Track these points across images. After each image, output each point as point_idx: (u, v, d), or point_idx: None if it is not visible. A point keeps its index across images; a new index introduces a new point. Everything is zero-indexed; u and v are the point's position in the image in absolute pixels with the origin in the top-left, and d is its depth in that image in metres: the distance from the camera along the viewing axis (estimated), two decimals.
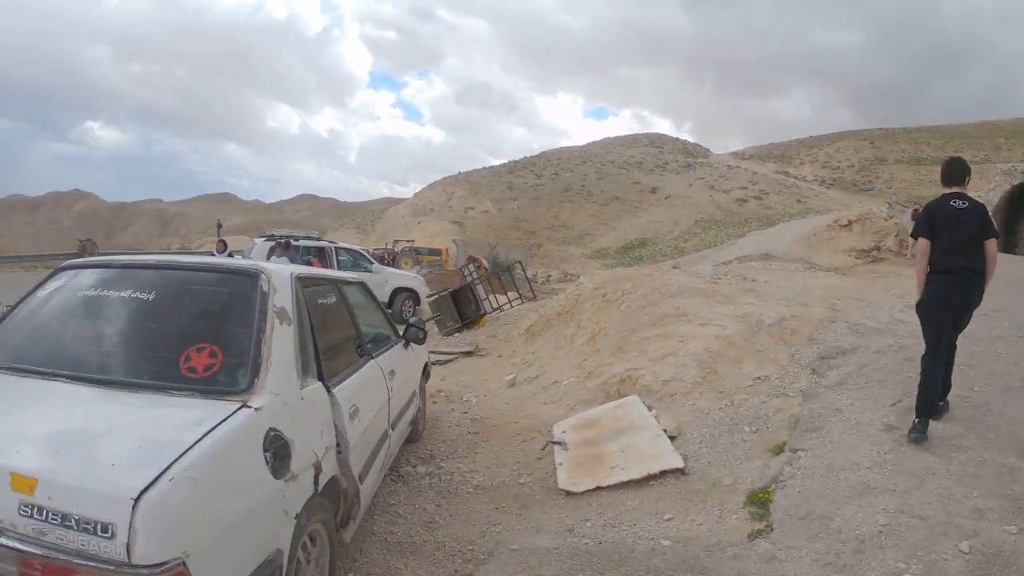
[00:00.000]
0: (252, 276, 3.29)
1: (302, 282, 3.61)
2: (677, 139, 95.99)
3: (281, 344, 3.02)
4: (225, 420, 2.50)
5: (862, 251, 18.90)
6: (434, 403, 7.74)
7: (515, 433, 6.58)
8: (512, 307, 16.31)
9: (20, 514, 2.12)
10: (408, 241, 50.79)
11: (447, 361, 10.97)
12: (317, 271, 4.73)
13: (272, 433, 2.66)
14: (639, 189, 71.46)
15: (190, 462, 2.24)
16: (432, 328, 14.58)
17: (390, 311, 15.64)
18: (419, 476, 5.41)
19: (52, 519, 2.09)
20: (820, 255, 18.96)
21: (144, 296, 3.23)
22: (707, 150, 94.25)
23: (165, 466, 2.19)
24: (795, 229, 24.45)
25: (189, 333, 3.04)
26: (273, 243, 15.37)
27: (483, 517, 4.71)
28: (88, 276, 3.53)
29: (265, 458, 2.58)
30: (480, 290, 16.10)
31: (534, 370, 8.98)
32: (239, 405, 2.62)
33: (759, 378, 6.38)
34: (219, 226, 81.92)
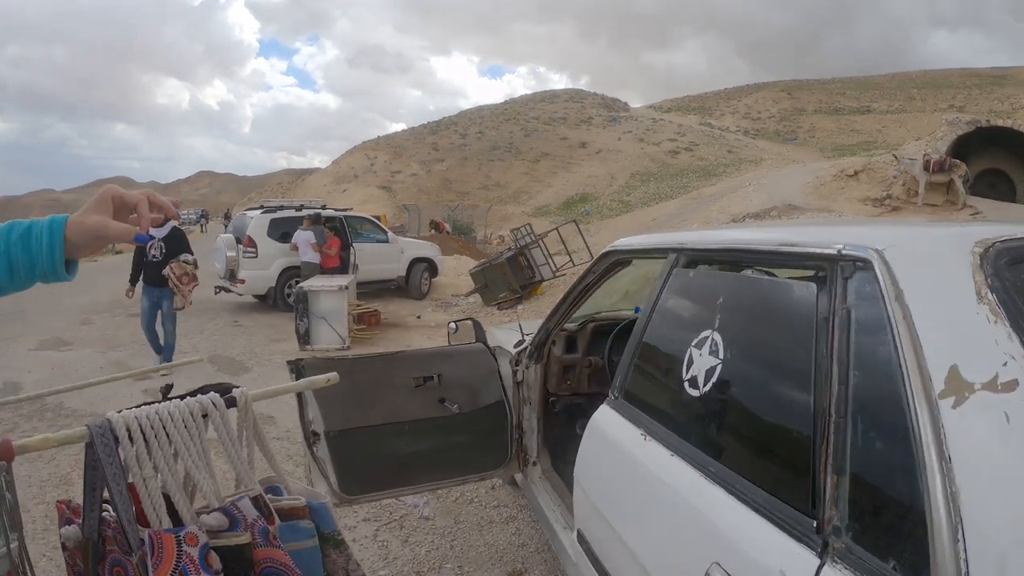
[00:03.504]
0: None
1: None
2: (596, 94, 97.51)
3: None
4: None
5: (876, 200, 19.99)
6: None
7: None
8: (573, 267, 15.31)
9: None
10: (345, 210, 47.48)
11: None
12: None
13: None
14: (568, 144, 72.65)
15: None
16: (472, 302, 14.58)
17: (407, 284, 15.62)
18: None
19: None
20: (838, 203, 19.84)
21: None
22: (626, 104, 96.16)
23: None
24: (795, 178, 24.77)
25: None
26: (270, 215, 13.94)
27: None
28: None
29: None
30: (537, 254, 14.83)
31: None
32: None
33: None
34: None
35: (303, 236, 12.87)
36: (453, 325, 4.55)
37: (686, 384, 1.96)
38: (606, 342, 3.81)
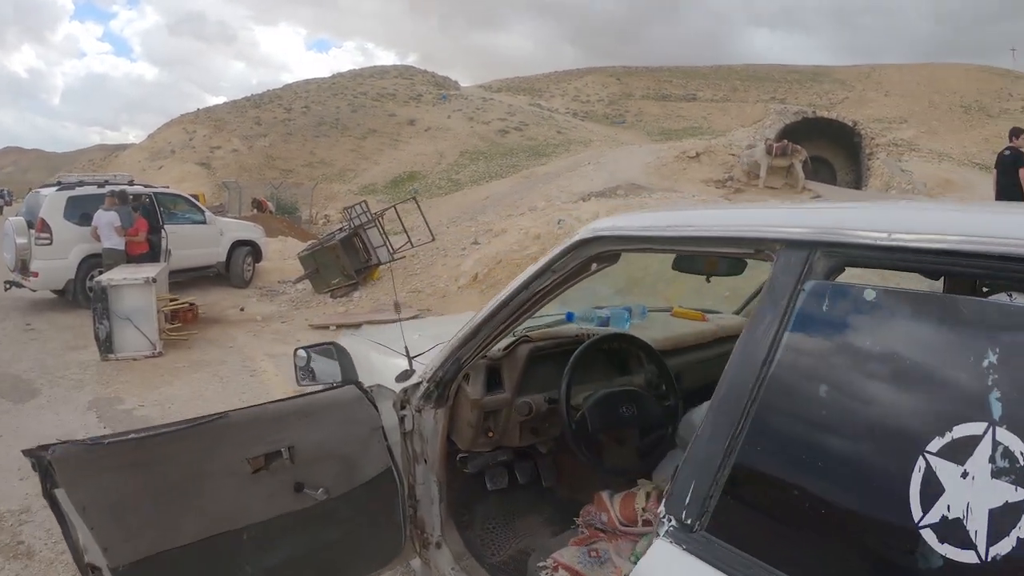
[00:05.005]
0: None
1: None
2: (426, 71, 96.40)
3: None
4: None
5: (718, 181, 20.50)
6: None
7: None
8: (412, 248, 14.50)
9: None
10: (161, 188, 45.31)
11: None
12: None
13: None
14: (396, 121, 71.36)
15: None
16: (302, 289, 13.72)
17: (227, 272, 14.34)
18: None
19: None
20: (681, 184, 20.03)
21: None
22: (456, 83, 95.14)
23: None
24: (635, 159, 24.95)
25: None
26: (67, 193, 12.10)
27: None
28: None
29: None
30: (374, 235, 13.65)
31: None
32: None
33: None
34: None
35: (105, 218, 11.23)
36: (303, 353, 3.32)
37: (927, 534, 1.05)
38: (559, 375, 2.57)
